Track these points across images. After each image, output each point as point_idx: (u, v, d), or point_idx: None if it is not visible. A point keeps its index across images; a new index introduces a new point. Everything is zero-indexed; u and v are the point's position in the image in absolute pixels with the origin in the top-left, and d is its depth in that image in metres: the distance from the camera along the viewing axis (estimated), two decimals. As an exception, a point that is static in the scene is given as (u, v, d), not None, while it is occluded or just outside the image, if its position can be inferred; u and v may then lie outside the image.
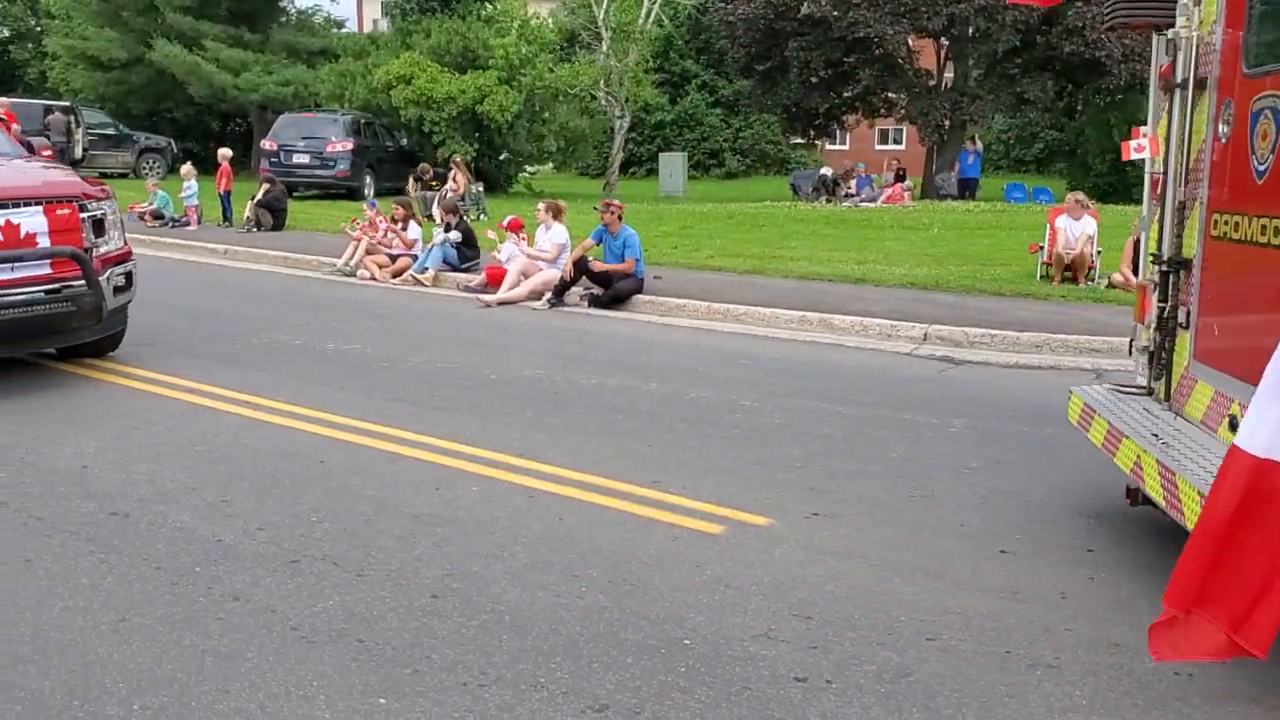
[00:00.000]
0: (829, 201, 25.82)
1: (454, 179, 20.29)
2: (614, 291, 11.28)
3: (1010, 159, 43.77)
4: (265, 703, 3.40)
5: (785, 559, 4.60)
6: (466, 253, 13.25)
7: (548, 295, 11.38)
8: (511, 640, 3.83)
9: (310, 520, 4.96)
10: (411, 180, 21.23)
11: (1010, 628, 4.00)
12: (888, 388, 7.77)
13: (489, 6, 30.88)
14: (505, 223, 12.49)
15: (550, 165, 33.13)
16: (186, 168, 19.02)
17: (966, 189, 27.30)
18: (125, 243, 8.02)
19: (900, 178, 27.43)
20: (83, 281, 7.19)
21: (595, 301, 11.35)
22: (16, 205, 6.93)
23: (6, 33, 51.03)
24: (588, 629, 3.93)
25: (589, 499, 5.30)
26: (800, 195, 28.42)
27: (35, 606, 4.05)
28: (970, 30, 27.07)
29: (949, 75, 29.72)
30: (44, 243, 7.00)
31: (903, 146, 43.35)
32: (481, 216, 18.84)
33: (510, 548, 4.69)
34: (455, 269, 13.00)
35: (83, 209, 7.33)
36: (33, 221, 6.95)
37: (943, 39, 28.49)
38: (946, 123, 28.69)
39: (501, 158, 27.69)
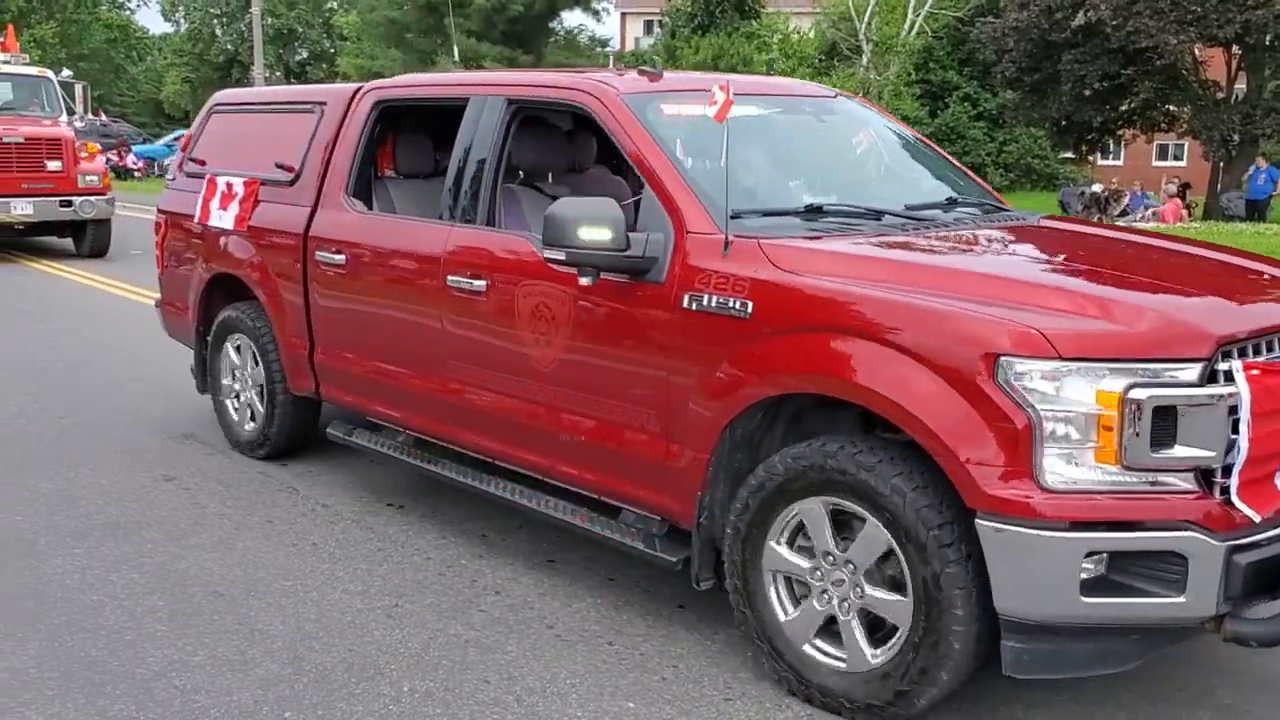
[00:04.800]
0: (1100, 220, 24.49)
1: None
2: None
3: (1311, 177, 40.09)
4: (522, 695, 3.57)
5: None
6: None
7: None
8: (757, 658, 3.84)
9: (566, 523, 5.16)
10: None
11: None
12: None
13: (752, 23, 31.15)
14: None
15: (804, 179, 33.06)
16: None
17: (1255, 210, 25.23)
18: None
19: (1183, 193, 25.66)
20: None
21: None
22: None
23: (304, 54, 55.83)
24: (834, 652, 3.90)
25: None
26: (1069, 213, 27.12)
27: (320, 587, 4.40)
28: (1268, 38, 25.02)
29: (1240, 87, 27.57)
30: None
31: (1183, 163, 40.61)
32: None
33: (757, 564, 4.71)
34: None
35: None
36: None
37: (1234, 48, 26.47)
38: (1235, 138, 26.63)
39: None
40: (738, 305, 3.56)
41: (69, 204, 14.42)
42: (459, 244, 4.57)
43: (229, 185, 5.94)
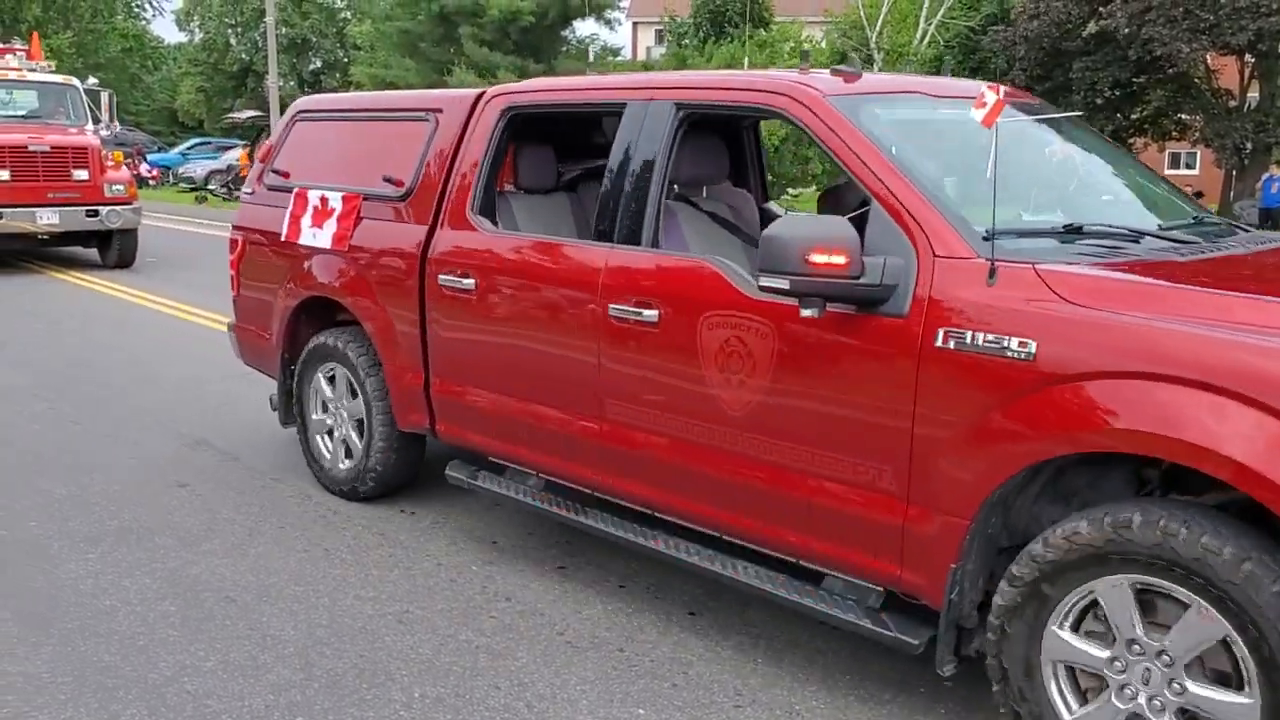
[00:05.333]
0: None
1: None
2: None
3: (1324, 185, 39.90)
4: (533, 702, 3.57)
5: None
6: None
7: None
8: (767, 665, 3.85)
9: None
10: None
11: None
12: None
13: (762, 32, 31.21)
14: None
15: (815, 187, 33.04)
16: None
17: (1269, 218, 25.13)
18: None
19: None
20: None
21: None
22: None
23: (318, 63, 56.09)
24: (841, 662, 3.90)
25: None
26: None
27: (332, 593, 4.42)
28: (1281, 45, 24.99)
29: (1253, 95, 27.51)
30: None
31: (1196, 171, 40.46)
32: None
33: (768, 571, 4.70)
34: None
35: None
36: None
37: (1247, 56, 26.42)
38: (1248, 146, 26.55)
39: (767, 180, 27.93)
40: (1016, 346, 2.95)
41: (95, 214, 14.28)
42: (622, 267, 4.00)
43: (323, 200, 5.37)
